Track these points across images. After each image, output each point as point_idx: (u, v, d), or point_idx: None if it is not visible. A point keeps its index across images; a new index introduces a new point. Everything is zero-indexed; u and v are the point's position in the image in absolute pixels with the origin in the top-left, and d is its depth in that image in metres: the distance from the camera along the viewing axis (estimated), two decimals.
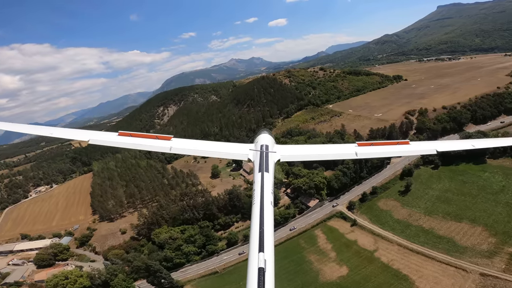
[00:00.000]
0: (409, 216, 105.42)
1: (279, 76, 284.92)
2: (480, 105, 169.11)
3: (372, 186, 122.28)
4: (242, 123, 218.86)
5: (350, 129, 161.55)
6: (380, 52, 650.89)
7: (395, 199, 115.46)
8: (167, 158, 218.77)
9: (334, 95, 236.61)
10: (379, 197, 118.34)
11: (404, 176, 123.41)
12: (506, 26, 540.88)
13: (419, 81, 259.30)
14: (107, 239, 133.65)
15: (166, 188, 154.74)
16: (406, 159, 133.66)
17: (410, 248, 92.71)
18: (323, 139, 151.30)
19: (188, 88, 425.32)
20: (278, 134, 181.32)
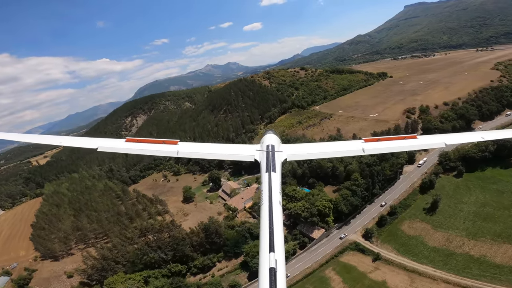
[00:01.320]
0: (448, 242, 79.75)
1: (258, 78, 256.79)
2: (483, 99, 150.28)
3: (390, 205, 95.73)
4: (219, 132, 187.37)
5: (346, 133, 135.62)
6: (355, 52, 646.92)
7: (422, 219, 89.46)
8: (132, 177, 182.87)
9: (320, 96, 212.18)
10: (400, 219, 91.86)
11: (426, 189, 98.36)
12: (469, 23, 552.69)
13: (405, 78, 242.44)
14: (50, 284, 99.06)
15: (123, 220, 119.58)
16: (422, 168, 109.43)
17: (464, 285, 66.96)
18: None
19: (159, 95, 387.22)
20: None
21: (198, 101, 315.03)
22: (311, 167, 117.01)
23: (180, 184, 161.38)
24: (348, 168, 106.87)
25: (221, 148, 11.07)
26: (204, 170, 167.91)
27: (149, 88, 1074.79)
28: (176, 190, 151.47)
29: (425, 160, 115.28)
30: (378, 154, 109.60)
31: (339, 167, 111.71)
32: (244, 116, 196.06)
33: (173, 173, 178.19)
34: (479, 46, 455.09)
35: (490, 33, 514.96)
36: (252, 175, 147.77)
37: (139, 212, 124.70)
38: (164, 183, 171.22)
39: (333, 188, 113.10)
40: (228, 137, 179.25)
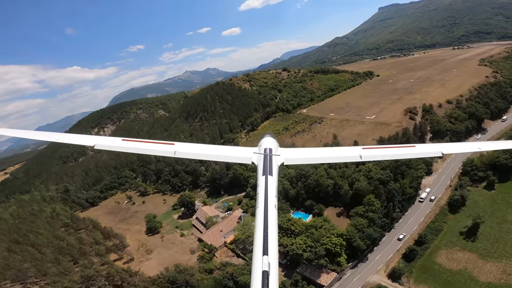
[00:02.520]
0: (506, 274, 57.82)
1: (237, 81, 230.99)
2: (488, 96, 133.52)
3: (415, 231, 72.55)
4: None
5: (344, 140, 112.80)
6: (334, 54, 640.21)
7: (462, 247, 66.96)
8: (91, 199, 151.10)
9: (306, 97, 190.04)
10: (434, 249, 68.80)
11: (456, 208, 76.52)
12: (441, 23, 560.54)
13: (393, 76, 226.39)
14: None
15: (63, 260, 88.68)
16: (445, 183, 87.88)
17: None
18: None
19: (130, 103, 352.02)
20: None
21: (173, 108, 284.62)
22: (307, 186, 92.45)
23: (147, 207, 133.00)
24: (356, 186, 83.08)
25: (218, 149, 10.84)
26: (176, 190, 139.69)
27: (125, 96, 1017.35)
28: (141, 215, 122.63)
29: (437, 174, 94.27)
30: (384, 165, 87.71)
31: (343, 185, 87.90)
32: (222, 124, 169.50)
33: (139, 193, 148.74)
34: (452, 45, 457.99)
35: (461, 32, 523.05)
36: (233, 195, 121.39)
37: (85, 250, 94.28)
38: (128, 206, 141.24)
39: (336, 211, 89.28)
40: None
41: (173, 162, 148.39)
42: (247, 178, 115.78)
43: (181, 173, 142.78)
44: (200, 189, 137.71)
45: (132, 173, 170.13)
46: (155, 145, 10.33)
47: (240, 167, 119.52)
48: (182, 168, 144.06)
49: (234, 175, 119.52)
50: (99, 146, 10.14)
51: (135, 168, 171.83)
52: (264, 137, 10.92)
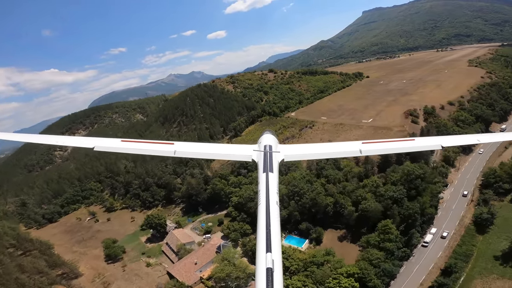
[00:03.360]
0: None
1: (220, 83, 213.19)
2: (491, 97, 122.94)
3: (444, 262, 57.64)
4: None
5: None
6: (320, 57, 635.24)
7: (501, 275, 54.70)
8: (49, 215, 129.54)
9: (294, 100, 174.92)
10: (467, 279, 55.50)
11: (485, 227, 63.06)
12: (423, 26, 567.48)
13: (383, 77, 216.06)
14: None
15: None
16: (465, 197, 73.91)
17: None
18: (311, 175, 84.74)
19: (105, 107, 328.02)
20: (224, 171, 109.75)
21: (152, 112, 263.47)
22: (301, 206, 76.06)
23: (112, 226, 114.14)
24: (363, 206, 67.44)
25: (218, 148, 10.87)
26: (147, 206, 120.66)
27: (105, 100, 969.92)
28: (103, 235, 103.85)
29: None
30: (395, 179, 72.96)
31: (345, 204, 72.11)
32: (202, 129, 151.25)
33: (105, 209, 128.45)
34: (434, 48, 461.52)
35: (442, 35, 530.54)
36: (213, 213, 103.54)
37: (23, 281, 73.45)
38: (90, 223, 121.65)
39: (338, 234, 73.77)
40: (180, 160, 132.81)
41: (144, 174, 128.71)
42: (228, 194, 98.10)
43: (153, 186, 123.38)
44: (175, 205, 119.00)
45: (99, 185, 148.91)
46: (155, 145, 10.21)
47: (220, 182, 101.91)
48: (153, 180, 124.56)
49: (213, 190, 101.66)
50: (98, 148, 9.87)
51: (102, 179, 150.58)
52: (263, 134, 10.65)
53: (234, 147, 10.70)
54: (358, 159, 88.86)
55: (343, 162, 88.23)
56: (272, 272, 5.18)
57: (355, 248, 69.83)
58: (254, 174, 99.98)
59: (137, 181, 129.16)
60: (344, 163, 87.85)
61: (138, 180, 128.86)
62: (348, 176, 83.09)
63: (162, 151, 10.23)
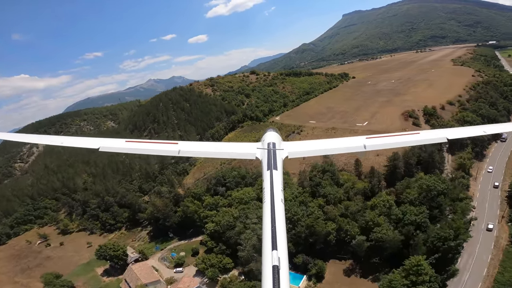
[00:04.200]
0: None
1: (198, 86, 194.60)
2: (492, 95, 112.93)
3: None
4: (134, 166, 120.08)
5: (339, 158, 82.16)
6: (302, 60, 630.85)
7: None
8: None
9: (279, 103, 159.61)
10: None
11: None
12: (400, 28, 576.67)
13: (370, 78, 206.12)
14: None
15: None
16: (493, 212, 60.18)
17: None
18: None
19: (73, 114, 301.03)
20: (198, 189, 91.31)
21: (124, 118, 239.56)
22: (296, 236, 59.54)
23: (65, 251, 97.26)
24: (378, 235, 51.81)
25: (221, 146, 10.60)
26: (108, 229, 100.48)
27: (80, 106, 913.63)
28: (53, 264, 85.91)
29: None
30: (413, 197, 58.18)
31: (351, 230, 56.37)
32: (176, 137, 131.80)
33: (60, 230, 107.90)
34: (412, 49, 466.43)
35: (419, 37, 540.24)
36: (186, 239, 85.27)
37: None
38: (40, 247, 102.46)
39: (343, 266, 58.51)
40: (147, 174, 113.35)
41: (103, 192, 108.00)
42: (203, 219, 79.92)
43: (114, 206, 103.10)
44: (141, 228, 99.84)
45: (55, 203, 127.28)
46: (159, 145, 10.21)
47: (192, 203, 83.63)
48: (114, 200, 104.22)
49: (185, 213, 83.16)
50: (103, 148, 9.87)
51: (58, 196, 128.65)
52: (267, 132, 10.61)
53: (238, 146, 10.29)
54: (360, 171, 73.82)
55: (343, 176, 72.71)
56: (278, 269, 5.08)
57: (368, 284, 54.37)
58: (234, 193, 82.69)
59: (95, 200, 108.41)
60: (344, 177, 72.33)
61: (96, 199, 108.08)
62: (350, 193, 67.69)
63: (167, 151, 10.13)
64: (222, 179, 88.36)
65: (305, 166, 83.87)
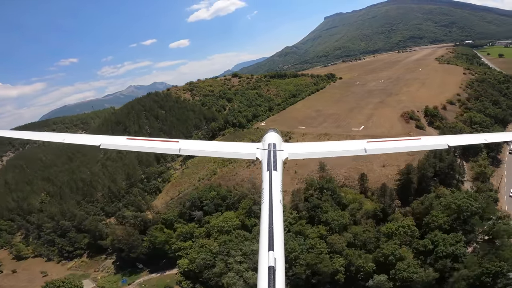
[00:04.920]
0: None
1: (176, 91, 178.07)
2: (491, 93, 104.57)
3: None
4: (96, 185, 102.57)
5: (336, 170, 68.95)
6: (285, 63, 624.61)
7: None
8: None
9: (263, 107, 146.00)
10: None
11: None
12: (380, 30, 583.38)
13: (357, 78, 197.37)
14: None
15: None
16: None
17: None
18: None
19: (42, 123, 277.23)
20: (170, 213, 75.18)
21: (93, 129, 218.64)
22: (295, 277, 45.25)
23: (17, 280, 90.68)
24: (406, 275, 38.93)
25: (222, 146, 10.66)
26: (66, 256, 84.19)
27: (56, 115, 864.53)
28: None
29: None
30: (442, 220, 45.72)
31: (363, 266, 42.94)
32: None
33: (13, 256, 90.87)
34: (392, 50, 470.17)
35: (399, 38, 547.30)
36: (158, 272, 69.71)
37: None
38: None
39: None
40: (113, 194, 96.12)
41: (58, 214, 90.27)
42: (175, 251, 64.25)
43: (71, 231, 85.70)
44: (105, 256, 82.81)
45: (11, 224, 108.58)
46: (159, 143, 10.22)
47: (162, 233, 67.74)
48: (72, 224, 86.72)
49: (152, 244, 67.14)
50: (105, 145, 9.78)
51: (13, 217, 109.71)
52: (267, 133, 10.41)
53: (238, 145, 10.22)
54: (366, 187, 60.80)
55: (346, 195, 59.34)
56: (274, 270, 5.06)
57: None
58: (212, 219, 67.48)
59: (50, 224, 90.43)
60: (348, 196, 58.91)
61: (51, 222, 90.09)
62: (357, 216, 54.42)
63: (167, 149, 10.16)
64: (198, 201, 72.90)
65: (298, 181, 70.06)
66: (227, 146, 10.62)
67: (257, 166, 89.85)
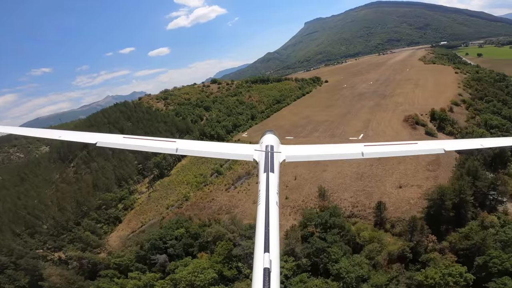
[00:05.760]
0: None
1: (148, 100, 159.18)
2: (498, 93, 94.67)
3: None
4: (41, 214, 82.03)
5: (341, 195, 53.72)
6: (267, 69, 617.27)
7: None
8: None
9: (245, 115, 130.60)
10: None
11: None
12: (359, 34, 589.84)
13: (344, 81, 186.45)
14: None
15: None
16: None
17: None
18: None
19: (4, 139, 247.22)
20: (126, 256, 56.37)
21: (55, 145, 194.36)
22: None
23: None
24: None
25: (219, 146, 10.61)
26: None
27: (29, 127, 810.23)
28: None
29: None
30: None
31: None
32: (108, 170, 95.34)
33: None
34: (372, 53, 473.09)
35: (377, 41, 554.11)
36: None
37: None
38: None
39: None
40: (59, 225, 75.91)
41: None
42: None
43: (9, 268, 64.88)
44: None
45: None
46: (156, 142, 10.07)
47: (111, 283, 49.17)
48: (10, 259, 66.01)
49: None
50: (101, 143, 9.63)
51: None
52: (265, 134, 10.54)
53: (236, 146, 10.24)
54: (384, 218, 45.54)
55: (360, 231, 43.72)
56: (269, 272, 5.03)
57: None
58: (180, 271, 49.75)
59: None
60: (363, 233, 43.18)
61: None
62: (377, 259, 39.06)
63: (164, 148, 9.96)
64: (160, 243, 55.11)
65: (291, 211, 53.90)
66: (225, 146, 10.51)
67: (238, 190, 73.46)
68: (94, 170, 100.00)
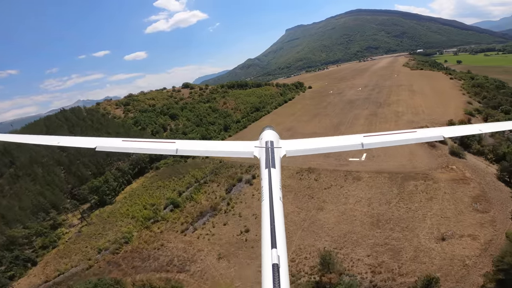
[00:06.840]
0: None
1: (107, 106, 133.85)
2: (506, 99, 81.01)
3: None
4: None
5: (352, 253, 34.94)
6: (247, 76, 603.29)
7: None
8: None
9: (217, 125, 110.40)
10: None
11: None
12: (339, 41, 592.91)
13: (329, 87, 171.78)
14: None
15: None
16: None
17: None
18: None
19: None
20: None
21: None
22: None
23: None
24: None
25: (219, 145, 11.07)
26: None
27: None
28: None
29: None
30: None
31: None
32: (33, 194, 70.40)
33: None
34: (352, 60, 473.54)
35: (357, 48, 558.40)
36: None
37: None
38: None
39: None
40: None
41: None
42: None
43: None
44: None
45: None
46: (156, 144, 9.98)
47: None
48: None
49: None
50: (100, 147, 9.31)
51: None
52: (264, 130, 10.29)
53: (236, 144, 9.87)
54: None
55: None
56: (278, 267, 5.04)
57: None
58: None
59: None
60: None
61: None
62: None
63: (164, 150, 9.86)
64: None
65: None
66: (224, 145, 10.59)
67: (198, 233, 52.34)
68: (21, 193, 74.52)
